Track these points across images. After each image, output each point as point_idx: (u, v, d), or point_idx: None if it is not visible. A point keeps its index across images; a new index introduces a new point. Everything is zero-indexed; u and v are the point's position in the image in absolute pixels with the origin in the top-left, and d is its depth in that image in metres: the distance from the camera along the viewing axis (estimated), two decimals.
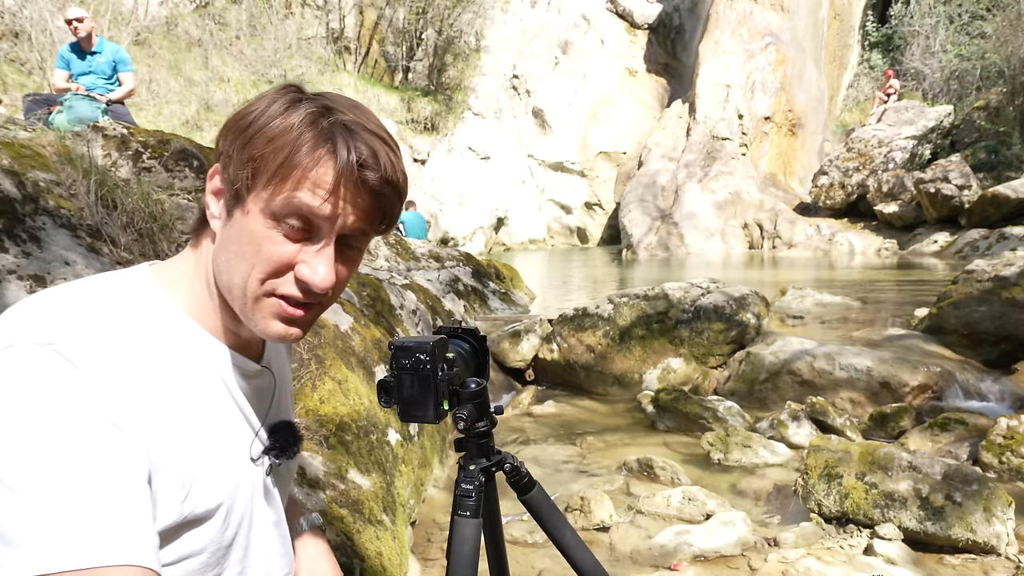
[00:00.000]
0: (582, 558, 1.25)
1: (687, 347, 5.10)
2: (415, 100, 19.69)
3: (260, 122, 0.71)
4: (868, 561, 2.52)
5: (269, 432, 0.83)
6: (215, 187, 0.76)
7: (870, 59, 20.85)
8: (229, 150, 0.73)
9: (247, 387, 0.80)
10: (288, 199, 0.70)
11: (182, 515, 0.70)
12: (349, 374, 2.74)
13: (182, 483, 0.69)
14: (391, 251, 6.89)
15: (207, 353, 0.76)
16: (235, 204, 0.73)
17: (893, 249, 14.00)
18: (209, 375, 0.76)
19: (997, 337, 4.64)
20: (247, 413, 0.80)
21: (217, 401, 0.76)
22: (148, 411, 0.67)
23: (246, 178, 0.71)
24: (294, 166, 0.70)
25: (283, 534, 0.89)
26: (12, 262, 2.18)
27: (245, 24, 17.15)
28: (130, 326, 0.70)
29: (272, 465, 0.84)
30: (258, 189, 0.71)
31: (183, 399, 0.71)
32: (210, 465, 0.73)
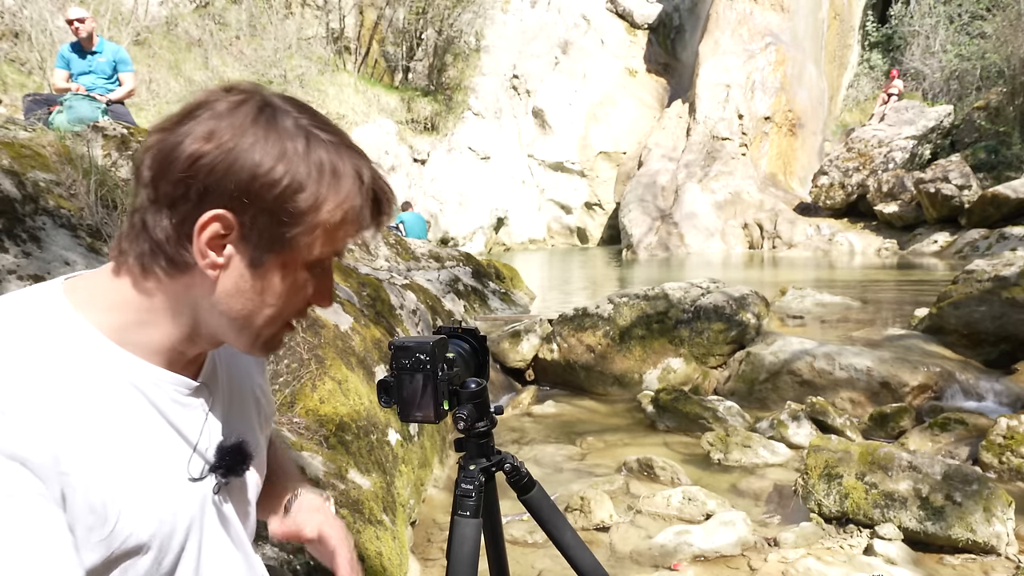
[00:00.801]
0: (582, 558, 1.25)
1: (687, 347, 5.10)
2: (415, 100, 19.69)
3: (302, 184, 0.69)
4: (868, 561, 2.52)
5: (216, 449, 0.79)
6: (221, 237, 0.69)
7: (870, 59, 20.85)
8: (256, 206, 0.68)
9: (184, 406, 0.76)
10: (329, 251, 0.73)
11: (109, 550, 0.66)
12: (349, 374, 2.74)
13: (104, 518, 0.65)
14: (391, 251, 6.89)
15: (129, 375, 0.71)
16: (266, 255, 0.71)
17: (893, 249, 14.00)
18: (132, 397, 0.71)
19: (997, 337, 4.64)
20: (184, 432, 0.75)
21: (143, 424, 0.71)
22: (56, 444, 0.62)
23: (292, 239, 0.70)
24: (349, 231, 0.73)
25: (246, 554, 0.85)
26: (12, 262, 2.18)
27: (245, 24, 17.15)
28: (36, 352, 0.65)
29: (220, 484, 0.79)
30: (305, 248, 0.72)
31: (100, 427, 0.67)
32: (138, 493, 0.68)
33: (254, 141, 0.68)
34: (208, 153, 0.67)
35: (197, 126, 0.68)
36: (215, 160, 0.67)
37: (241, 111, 0.69)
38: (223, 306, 0.72)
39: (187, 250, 0.69)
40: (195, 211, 0.68)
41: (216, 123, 0.68)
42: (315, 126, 0.72)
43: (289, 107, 0.72)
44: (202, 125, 0.68)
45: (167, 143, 0.69)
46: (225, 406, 0.84)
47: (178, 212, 0.68)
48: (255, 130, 0.68)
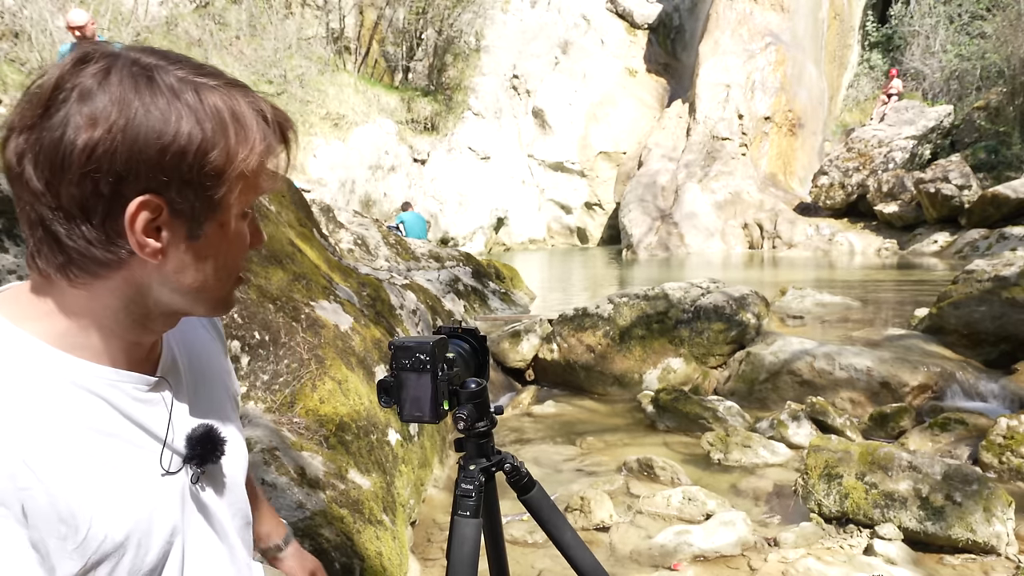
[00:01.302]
0: (582, 558, 1.25)
1: (687, 347, 5.10)
2: (415, 100, 19.69)
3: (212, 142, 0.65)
4: (868, 561, 2.52)
5: (187, 441, 0.77)
6: (153, 221, 0.65)
7: (870, 59, 20.85)
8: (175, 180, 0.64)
9: (144, 401, 0.74)
10: (254, 195, 0.72)
11: (85, 556, 0.64)
12: (349, 374, 2.74)
13: (75, 527, 0.63)
14: (391, 251, 6.89)
15: (82, 380, 0.68)
16: (202, 224, 0.68)
17: (893, 249, 14.00)
18: (88, 402, 0.68)
19: (997, 337, 4.64)
20: (150, 428, 0.73)
21: (104, 427, 0.69)
22: (11, 461, 0.60)
23: (221, 200, 0.68)
24: (267, 171, 0.71)
25: (231, 546, 0.83)
26: (12, 262, 2.18)
27: (245, 24, 17.15)
28: None
29: (197, 474, 0.77)
30: (236, 203, 0.70)
31: (58, 436, 0.64)
32: (106, 496, 0.67)
33: (145, 110, 0.62)
34: (101, 139, 0.61)
35: (72, 113, 0.61)
36: (113, 144, 0.61)
37: (112, 81, 0.62)
38: (173, 283, 0.70)
39: (119, 246, 0.65)
40: (115, 205, 0.63)
41: (93, 103, 0.61)
42: (196, 74, 0.67)
43: (160, 60, 0.66)
44: (77, 110, 0.61)
45: (46, 141, 0.61)
46: (190, 394, 0.81)
47: (96, 213, 0.63)
48: (139, 97, 0.62)
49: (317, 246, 3.85)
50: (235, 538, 0.85)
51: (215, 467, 0.81)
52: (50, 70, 0.64)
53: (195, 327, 0.89)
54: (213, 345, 0.92)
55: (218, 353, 0.92)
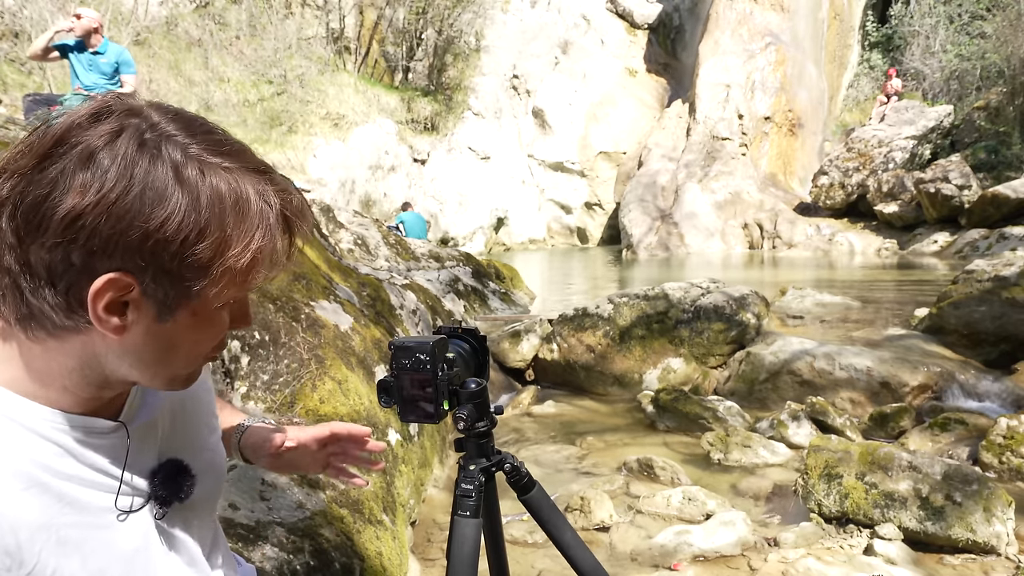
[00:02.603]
0: (582, 558, 1.25)
1: (687, 347, 5.10)
2: (415, 100, 19.69)
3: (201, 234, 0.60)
4: (868, 561, 2.52)
5: (151, 478, 0.75)
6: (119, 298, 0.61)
7: (870, 59, 20.85)
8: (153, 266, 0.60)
9: (104, 446, 0.71)
10: (247, 287, 0.67)
11: None
12: (349, 374, 2.74)
13: (21, 561, 0.61)
14: (391, 251, 6.89)
15: (34, 423, 0.65)
16: (175, 310, 0.64)
17: (893, 249, 14.00)
18: (39, 444, 0.65)
19: (997, 337, 4.63)
20: (105, 469, 0.70)
21: (57, 467, 0.66)
22: None
23: (200, 291, 0.63)
24: (262, 266, 0.66)
25: (201, 571, 0.82)
26: None
27: (245, 24, 17.15)
28: None
29: (162, 511, 0.76)
30: (216, 296, 0.64)
31: (4, 470, 0.62)
32: (56, 532, 0.64)
33: (141, 188, 0.58)
34: (87, 212, 0.56)
35: (68, 174, 0.57)
36: (98, 220, 0.57)
37: (119, 146, 0.58)
38: (132, 358, 0.66)
39: (80, 316, 0.61)
40: (82, 277, 0.59)
41: (90, 169, 0.57)
42: (212, 152, 0.62)
43: (175, 129, 0.62)
44: (74, 172, 0.57)
45: (31, 196, 0.58)
46: (166, 429, 0.80)
47: (61, 280, 0.59)
48: (140, 171, 0.58)
49: (317, 246, 3.85)
50: (205, 565, 0.84)
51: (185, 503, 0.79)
52: (61, 119, 0.61)
53: None
54: None
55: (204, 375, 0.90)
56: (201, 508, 0.84)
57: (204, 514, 0.85)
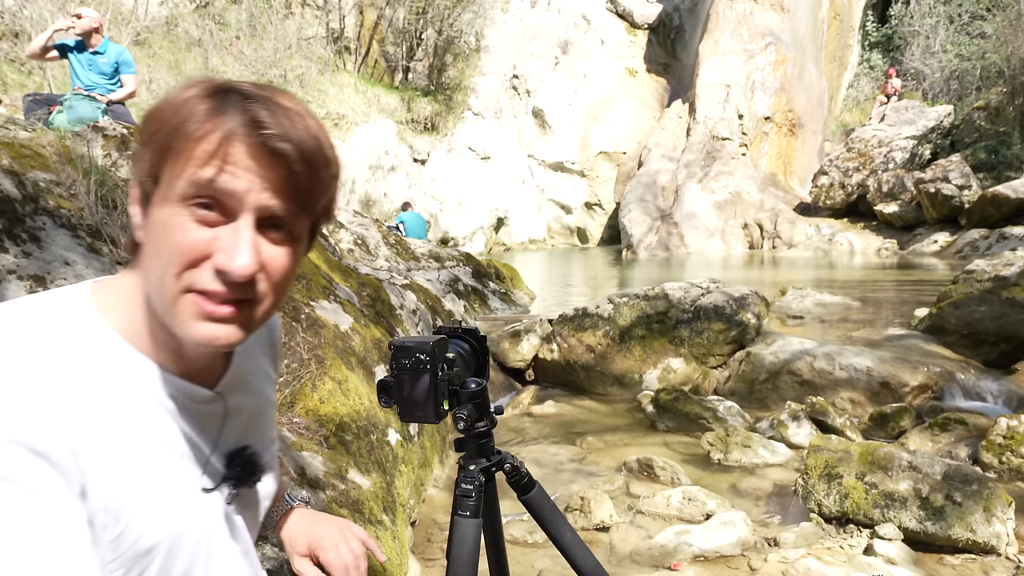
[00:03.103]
0: (582, 558, 1.25)
1: (687, 347, 5.10)
2: (415, 100, 19.69)
3: (157, 106, 0.67)
4: (868, 561, 2.52)
5: (227, 460, 0.78)
6: (134, 196, 0.69)
7: (870, 59, 20.85)
8: (136, 147, 0.68)
9: (198, 415, 0.74)
10: (189, 177, 0.64)
11: (117, 552, 0.64)
12: (349, 374, 2.74)
13: (115, 518, 0.64)
14: (391, 251, 6.90)
15: (144, 379, 0.69)
16: (148, 201, 0.67)
17: (893, 249, 14.00)
18: (146, 402, 0.69)
19: (997, 337, 4.63)
20: (198, 443, 0.74)
21: (159, 432, 0.70)
22: (77, 440, 0.61)
23: (148, 168, 0.66)
24: (187, 137, 0.64)
25: (253, 564, 0.84)
26: (12, 262, 2.18)
27: (245, 24, 17.15)
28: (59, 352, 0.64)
29: (232, 495, 0.78)
30: (162, 175, 0.65)
31: (116, 428, 0.65)
32: (149, 498, 0.67)
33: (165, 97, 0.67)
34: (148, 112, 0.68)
35: None
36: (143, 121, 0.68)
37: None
38: (143, 277, 0.69)
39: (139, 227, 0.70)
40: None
41: None
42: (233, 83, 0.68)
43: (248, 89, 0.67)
44: None
45: None
46: (245, 416, 0.82)
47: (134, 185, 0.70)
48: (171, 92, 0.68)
49: (317, 246, 3.85)
50: (255, 557, 0.86)
51: (250, 491, 0.82)
52: None
53: (254, 344, 0.88)
54: (266, 365, 0.92)
55: (268, 374, 0.92)
56: (258, 503, 0.86)
57: (257, 511, 0.87)
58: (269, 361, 0.93)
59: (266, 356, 0.92)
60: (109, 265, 2.48)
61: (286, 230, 0.69)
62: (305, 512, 1.05)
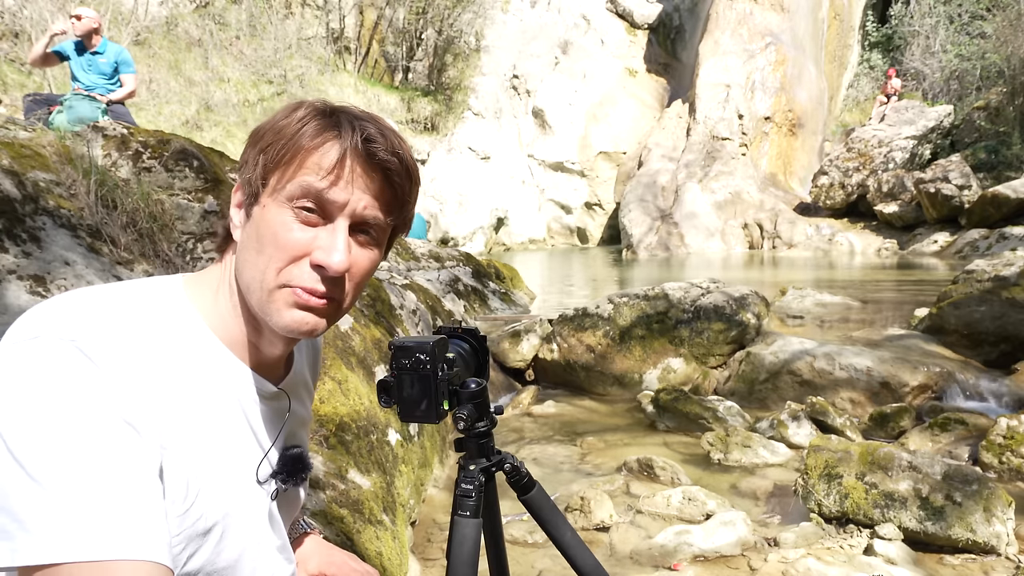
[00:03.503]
0: (582, 558, 1.25)
1: (687, 347, 5.10)
2: (415, 100, 19.69)
3: (270, 121, 0.75)
4: (868, 561, 2.52)
5: (279, 457, 0.82)
6: (237, 200, 0.77)
7: (870, 59, 20.85)
8: (246, 156, 0.75)
9: (262, 408, 0.79)
10: (298, 182, 0.72)
11: (182, 527, 0.69)
12: (349, 374, 2.74)
13: (186, 494, 0.69)
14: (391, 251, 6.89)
15: (224, 369, 0.75)
16: (253, 203, 0.75)
17: (893, 249, 14.00)
18: (224, 391, 0.75)
19: (997, 337, 4.64)
20: (259, 435, 0.79)
21: (229, 418, 0.75)
22: (161, 416, 0.67)
23: (260, 174, 0.73)
24: (300, 148, 0.72)
25: (289, 558, 0.87)
26: (12, 262, 2.18)
27: (245, 24, 17.15)
28: (152, 333, 0.70)
29: (278, 490, 0.82)
30: (271, 180, 0.73)
31: (196, 411, 0.71)
32: (215, 480, 0.72)
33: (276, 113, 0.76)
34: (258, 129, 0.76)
35: None
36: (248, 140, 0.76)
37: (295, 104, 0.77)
38: (238, 264, 0.76)
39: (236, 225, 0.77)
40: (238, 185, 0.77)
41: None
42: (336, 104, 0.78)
43: (355, 111, 0.77)
44: None
45: None
46: (297, 416, 0.87)
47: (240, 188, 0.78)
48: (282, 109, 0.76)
49: None
50: (291, 552, 0.89)
51: (294, 489, 0.87)
52: None
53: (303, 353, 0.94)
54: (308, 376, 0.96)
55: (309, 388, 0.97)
56: (296, 502, 0.90)
57: (293, 509, 0.91)
58: (311, 375, 0.98)
59: (309, 370, 0.97)
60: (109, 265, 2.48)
61: (373, 235, 0.79)
62: (319, 539, 1.10)
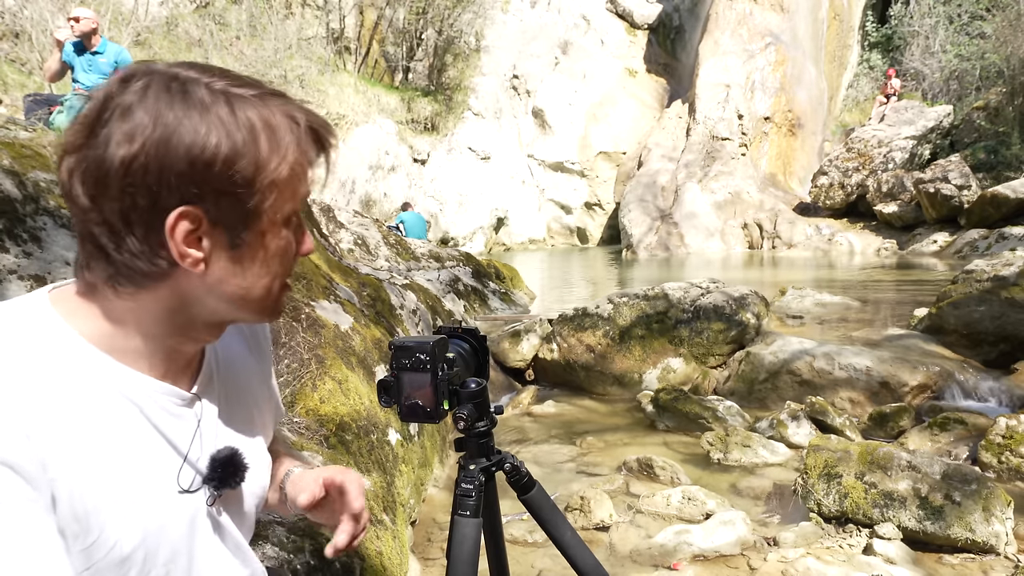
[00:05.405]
0: (582, 558, 1.25)
1: (687, 347, 5.11)
2: (415, 100, 19.69)
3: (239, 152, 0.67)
4: (867, 560, 2.52)
5: (211, 461, 0.77)
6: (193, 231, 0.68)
7: (870, 59, 20.85)
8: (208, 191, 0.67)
9: (175, 415, 0.74)
10: (293, 204, 0.73)
11: (90, 561, 0.65)
12: (349, 374, 2.74)
13: (87, 528, 0.64)
14: (391, 251, 6.90)
15: (119, 383, 0.70)
16: (242, 232, 0.70)
17: (893, 249, 14.00)
18: (121, 407, 0.69)
19: (996, 337, 4.64)
20: (175, 443, 0.74)
21: (133, 435, 0.70)
22: (43, 451, 0.61)
23: (255, 207, 0.70)
24: (305, 178, 0.73)
25: (246, 560, 0.84)
26: (13, 262, 2.19)
27: (245, 24, 17.15)
28: (24, 359, 0.64)
29: (214, 496, 0.77)
30: (272, 209, 0.71)
31: (87, 435, 0.66)
32: (123, 505, 0.67)
33: (177, 123, 0.65)
34: (138, 155, 0.64)
35: (115, 131, 0.64)
36: (147, 159, 0.64)
37: (150, 97, 0.66)
38: (218, 292, 0.72)
39: (162, 257, 0.67)
40: (155, 217, 0.66)
41: (131, 119, 0.64)
42: (232, 85, 0.70)
43: (198, 74, 0.69)
44: (118, 127, 0.64)
45: (90, 159, 0.65)
46: (223, 415, 0.82)
47: (138, 225, 0.66)
48: (173, 112, 0.65)
49: (317, 246, 3.86)
50: (249, 551, 0.85)
51: (234, 491, 0.81)
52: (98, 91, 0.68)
53: (232, 340, 0.88)
54: (249, 359, 0.91)
55: (254, 368, 0.92)
56: (245, 501, 0.85)
57: (249, 509, 0.86)
58: (256, 357, 0.92)
59: (253, 354, 0.91)
60: None
61: None
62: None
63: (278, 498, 0.95)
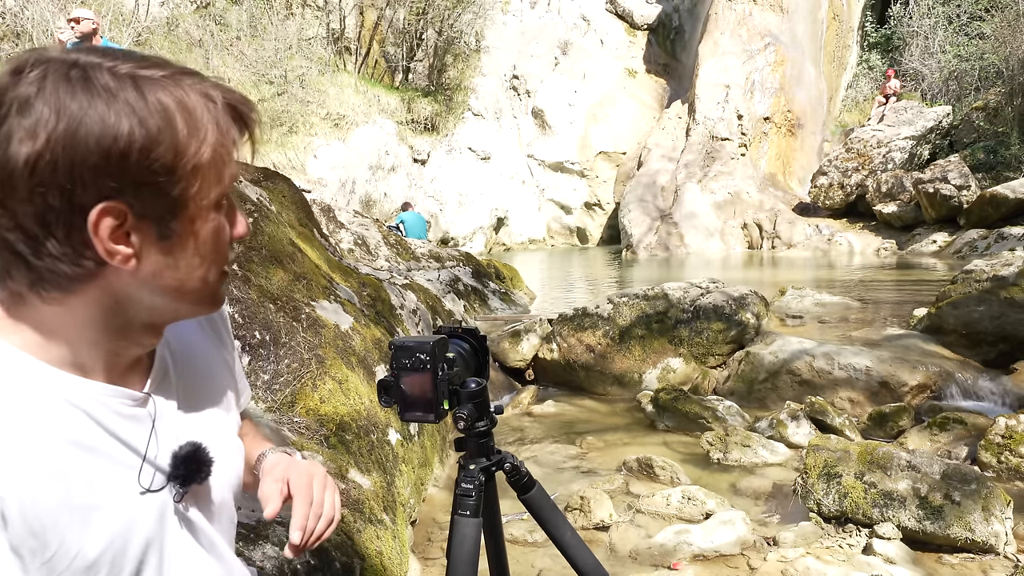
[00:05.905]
0: (582, 557, 1.26)
1: (687, 347, 5.11)
2: (415, 100, 19.69)
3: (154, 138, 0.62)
4: (867, 560, 2.53)
5: (172, 458, 0.74)
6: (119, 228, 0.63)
7: (869, 60, 20.85)
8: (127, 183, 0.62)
9: (128, 417, 0.71)
10: (222, 187, 0.70)
11: (54, 573, 0.63)
12: (349, 374, 2.74)
13: (44, 542, 0.62)
14: (391, 251, 6.90)
15: (63, 391, 0.66)
16: (170, 223, 0.66)
17: (892, 249, 14.00)
18: (67, 413, 0.66)
19: (996, 337, 4.64)
20: (131, 444, 0.71)
21: (83, 439, 0.67)
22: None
23: (181, 195, 0.65)
24: (230, 159, 0.69)
25: (220, 556, 0.81)
26: None
27: (246, 25, 17.16)
28: None
29: (180, 493, 0.74)
30: (198, 195, 0.67)
31: (35, 445, 0.63)
32: (81, 513, 0.65)
33: (82, 114, 0.60)
34: (43, 152, 0.59)
35: (14, 127, 0.59)
36: (54, 155, 0.59)
37: (48, 86, 0.60)
38: (152, 287, 0.68)
39: (88, 258, 0.63)
40: (74, 218, 0.61)
41: (31, 113, 0.59)
42: (138, 67, 0.64)
43: (99, 59, 0.63)
44: (17, 123, 0.59)
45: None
46: (184, 409, 0.79)
47: (58, 227, 0.61)
48: (76, 102, 0.60)
49: (318, 246, 3.86)
50: (225, 548, 0.83)
51: (203, 486, 0.78)
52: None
53: (190, 331, 0.85)
54: (212, 349, 0.88)
55: (217, 358, 0.88)
56: (219, 494, 0.83)
57: (222, 501, 0.84)
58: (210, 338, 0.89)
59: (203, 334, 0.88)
60: None
61: None
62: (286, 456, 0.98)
63: (253, 481, 0.92)
